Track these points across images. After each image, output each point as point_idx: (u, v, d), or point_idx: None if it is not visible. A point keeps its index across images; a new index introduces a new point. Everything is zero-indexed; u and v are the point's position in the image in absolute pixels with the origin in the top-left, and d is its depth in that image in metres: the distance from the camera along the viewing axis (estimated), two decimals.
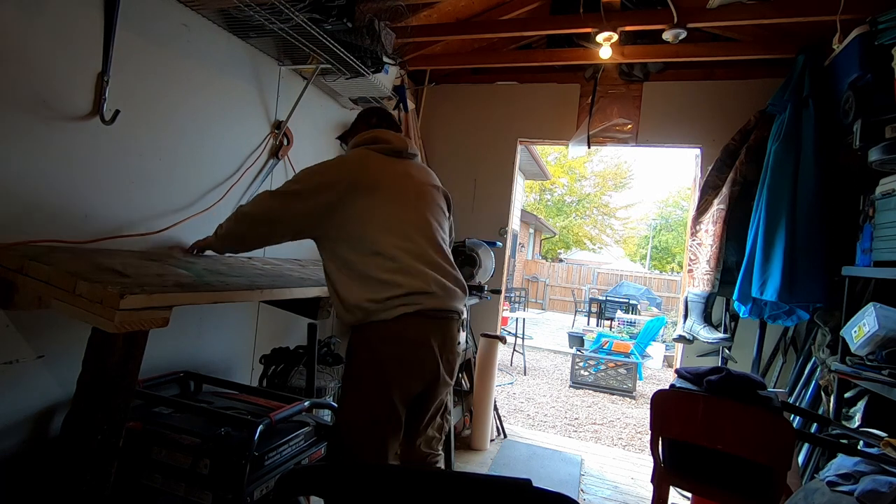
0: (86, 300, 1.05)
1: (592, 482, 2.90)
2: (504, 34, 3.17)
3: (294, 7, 1.75)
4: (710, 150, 3.07)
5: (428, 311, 1.46)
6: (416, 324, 1.44)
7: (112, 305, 1.02)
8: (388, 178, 1.54)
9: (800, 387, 2.60)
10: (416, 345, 1.46)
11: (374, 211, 1.47)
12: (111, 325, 1.02)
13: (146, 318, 1.10)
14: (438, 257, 1.55)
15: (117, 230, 1.66)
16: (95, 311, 1.04)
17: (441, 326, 1.51)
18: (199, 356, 2.06)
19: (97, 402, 1.11)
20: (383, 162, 1.57)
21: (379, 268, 1.43)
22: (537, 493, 0.71)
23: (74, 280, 1.07)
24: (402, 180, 1.57)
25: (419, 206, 1.57)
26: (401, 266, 1.44)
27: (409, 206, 1.54)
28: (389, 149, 1.61)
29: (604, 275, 16.00)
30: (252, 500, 1.39)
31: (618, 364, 5.68)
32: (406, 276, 1.44)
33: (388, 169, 1.56)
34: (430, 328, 1.48)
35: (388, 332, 1.43)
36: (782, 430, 1.59)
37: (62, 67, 1.44)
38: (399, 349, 1.44)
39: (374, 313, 1.42)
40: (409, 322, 1.43)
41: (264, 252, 2.36)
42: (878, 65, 2.00)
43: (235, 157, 2.15)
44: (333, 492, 0.77)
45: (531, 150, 9.85)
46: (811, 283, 2.36)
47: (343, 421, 1.48)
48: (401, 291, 1.42)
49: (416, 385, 1.49)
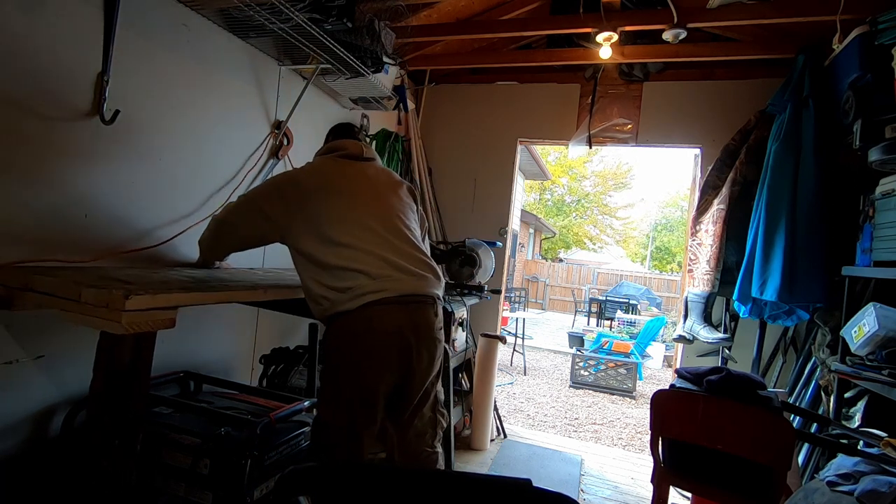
0: (92, 306, 1.07)
1: (592, 482, 2.90)
2: (504, 34, 3.17)
3: (294, 7, 1.75)
4: (710, 150, 3.07)
5: (394, 298, 1.44)
6: (382, 312, 1.43)
7: (118, 307, 1.03)
8: (344, 177, 1.61)
9: (800, 387, 2.60)
10: (385, 334, 1.44)
11: (331, 206, 1.52)
12: (119, 326, 1.03)
13: (153, 319, 1.11)
14: (402, 242, 1.56)
15: (118, 235, 1.66)
16: (102, 314, 1.05)
17: (412, 312, 1.49)
18: (199, 356, 2.06)
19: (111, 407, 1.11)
20: (340, 164, 1.66)
21: (337, 256, 1.44)
22: (537, 493, 0.71)
23: (79, 288, 1.09)
24: (358, 178, 1.64)
25: (378, 198, 1.62)
26: (358, 253, 1.45)
27: (367, 199, 1.59)
28: (345, 153, 1.69)
29: (604, 275, 15.99)
30: (252, 500, 1.39)
31: (618, 364, 5.68)
32: (364, 264, 1.44)
33: (344, 170, 1.64)
34: (399, 315, 1.46)
35: (355, 322, 1.42)
36: (782, 430, 1.59)
37: (62, 67, 1.44)
38: (367, 339, 1.43)
39: (337, 303, 1.42)
40: (375, 311, 1.42)
41: (263, 262, 2.37)
42: (878, 65, 1.99)
43: (236, 157, 2.15)
44: (333, 492, 0.77)
45: (531, 150, 9.85)
46: (811, 283, 2.35)
47: (319, 416, 1.49)
48: (361, 279, 1.42)
49: (388, 376, 1.46)
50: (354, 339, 1.43)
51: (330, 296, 1.43)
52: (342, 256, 1.44)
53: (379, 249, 1.48)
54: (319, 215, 1.50)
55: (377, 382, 1.44)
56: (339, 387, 1.45)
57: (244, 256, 2.24)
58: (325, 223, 1.49)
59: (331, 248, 1.46)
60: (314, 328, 2.09)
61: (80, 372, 1.55)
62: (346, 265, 1.43)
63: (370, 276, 1.43)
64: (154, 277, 1.41)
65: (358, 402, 1.43)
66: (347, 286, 1.41)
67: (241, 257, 2.22)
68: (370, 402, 1.44)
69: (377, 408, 1.46)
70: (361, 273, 1.43)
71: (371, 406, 1.45)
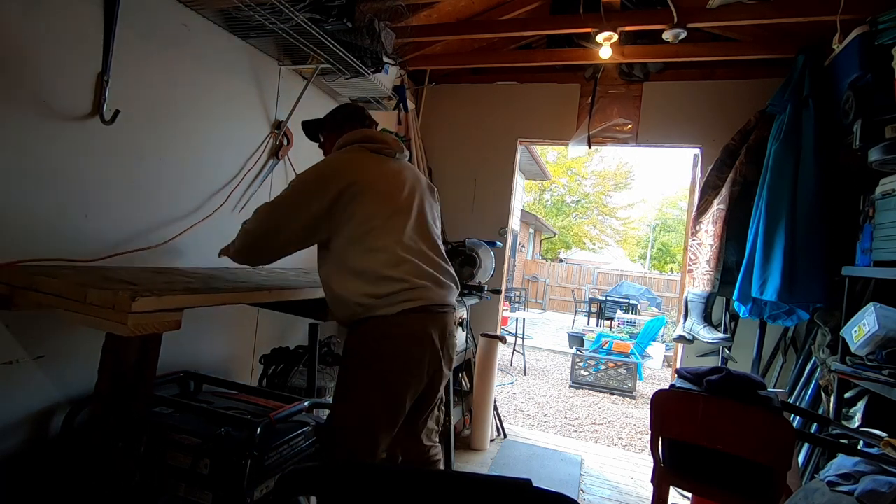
0: (97, 307, 1.06)
1: (592, 482, 2.90)
2: (504, 34, 3.17)
3: (294, 7, 1.75)
4: (710, 150, 3.07)
5: (426, 307, 1.47)
6: (418, 319, 1.45)
7: (124, 309, 1.03)
8: (383, 177, 1.56)
9: (800, 387, 2.60)
10: (420, 341, 1.46)
11: (370, 207, 1.48)
12: (125, 328, 1.03)
13: (159, 321, 1.10)
14: (434, 253, 1.57)
15: (119, 235, 1.66)
16: (108, 316, 1.05)
17: (439, 321, 1.52)
18: (199, 356, 2.06)
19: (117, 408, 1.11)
20: (377, 161, 1.59)
21: (378, 263, 1.43)
22: (537, 493, 0.71)
23: (85, 290, 1.08)
24: (396, 179, 1.59)
25: (413, 203, 1.59)
26: (399, 261, 1.45)
27: (404, 203, 1.56)
28: (383, 149, 1.62)
29: (604, 275, 15.99)
30: (252, 500, 1.39)
31: (618, 364, 5.68)
32: (405, 272, 1.45)
33: (382, 168, 1.58)
34: (431, 323, 1.49)
35: (390, 328, 1.43)
36: (782, 430, 1.59)
37: (62, 67, 1.44)
38: (403, 346, 1.45)
39: (373, 308, 1.42)
40: (411, 318, 1.44)
41: None
42: (878, 65, 1.99)
43: (236, 157, 2.15)
44: (333, 492, 0.76)
45: (531, 150, 9.85)
46: (811, 283, 2.35)
47: (338, 419, 1.48)
48: (401, 287, 1.43)
49: (417, 382, 1.49)
50: (390, 345, 1.44)
51: (365, 301, 1.42)
52: (384, 264, 1.44)
53: (418, 259, 1.49)
54: (361, 219, 1.46)
55: (407, 387, 1.47)
56: (368, 390, 1.45)
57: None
58: (367, 229, 1.46)
59: (372, 254, 1.44)
60: (314, 328, 2.09)
61: (80, 372, 1.55)
62: (388, 274, 1.43)
63: (406, 284, 1.44)
64: (158, 278, 1.41)
65: (386, 405, 1.44)
66: (386, 292, 1.42)
67: None
68: (397, 406, 1.46)
69: (402, 411, 1.48)
70: (403, 282, 1.43)
71: (397, 410, 1.46)
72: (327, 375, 2.27)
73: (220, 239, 2.08)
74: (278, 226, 1.51)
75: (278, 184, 2.42)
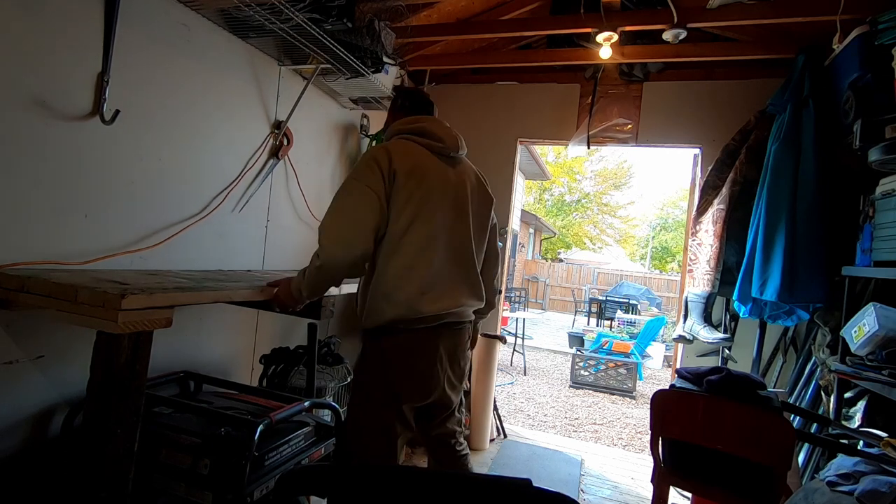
0: (88, 306, 1.07)
1: (592, 482, 2.90)
2: (504, 34, 3.16)
3: (294, 7, 1.75)
4: (710, 150, 3.07)
5: (447, 324, 1.49)
6: (431, 336, 1.48)
7: (114, 307, 1.04)
8: (436, 184, 1.48)
9: (800, 387, 2.60)
10: (429, 359, 1.49)
11: (416, 224, 1.43)
12: (115, 325, 1.04)
13: (149, 319, 1.11)
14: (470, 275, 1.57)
15: (118, 234, 1.66)
16: (98, 314, 1.06)
17: (454, 336, 1.55)
18: (199, 356, 2.06)
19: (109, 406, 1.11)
20: (435, 164, 1.51)
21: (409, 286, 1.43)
22: (537, 493, 0.71)
23: (75, 290, 1.09)
24: (449, 188, 1.52)
25: (462, 218, 1.55)
26: (432, 287, 1.45)
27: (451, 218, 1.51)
28: (440, 147, 1.54)
29: (604, 275, 15.99)
30: (252, 500, 1.39)
31: (618, 364, 5.68)
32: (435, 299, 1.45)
33: (437, 173, 1.50)
34: (446, 339, 1.51)
35: (404, 342, 1.46)
36: (782, 430, 1.59)
37: (62, 67, 1.44)
38: (412, 361, 1.47)
39: (394, 321, 1.44)
40: (428, 334, 1.47)
41: (263, 264, 2.37)
42: (878, 65, 1.99)
43: (236, 157, 2.15)
44: (333, 492, 0.76)
45: (531, 150, 9.84)
46: (811, 283, 2.35)
47: (352, 424, 1.51)
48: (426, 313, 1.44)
49: (422, 397, 1.52)
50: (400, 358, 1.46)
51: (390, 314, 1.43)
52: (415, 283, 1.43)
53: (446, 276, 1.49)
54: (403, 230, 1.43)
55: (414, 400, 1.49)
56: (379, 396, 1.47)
57: (244, 257, 2.25)
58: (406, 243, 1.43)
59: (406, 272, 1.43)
60: (313, 328, 2.09)
61: (80, 372, 1.55)
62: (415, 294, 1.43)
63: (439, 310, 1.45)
64: (150, 278, 1.42)
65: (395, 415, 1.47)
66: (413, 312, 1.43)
67: (240, 258, 2.22)
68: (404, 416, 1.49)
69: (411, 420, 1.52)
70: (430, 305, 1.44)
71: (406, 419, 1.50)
72: (327, 375, 2.27)
73: (220, 239, 2.09)
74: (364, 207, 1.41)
75: (278, 184, 2.42)
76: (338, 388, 2.28)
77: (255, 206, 2.26)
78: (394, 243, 1.44)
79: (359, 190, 1.41)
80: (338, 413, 1.81)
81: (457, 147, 1.58)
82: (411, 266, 1.43)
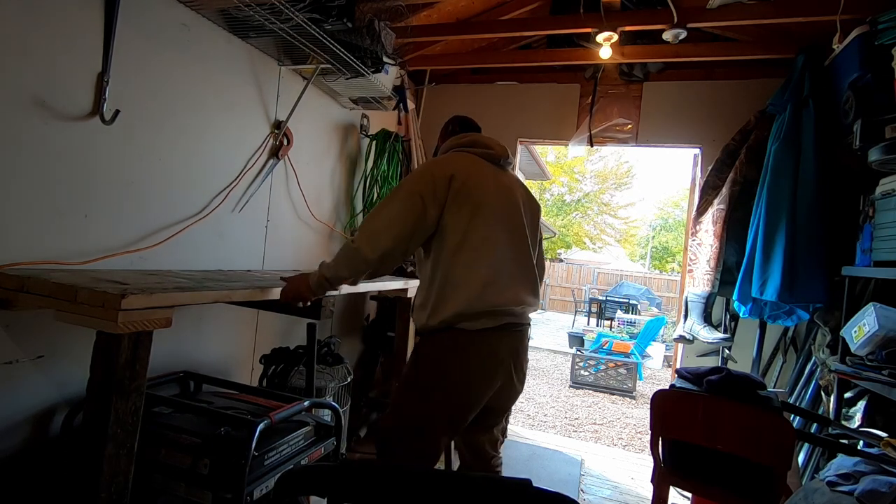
0: (88, 306, 1.07)
1: (592, 482, 2.90)
2: (504, 34, 3.17)
3: (294, 7, 1.75)
4: (710, 150, 3.07)
5: (508, 324, 1.50)
6: (497, 338, 1.48)
7: (114, 307, 1.04)
8: (491, 188, 1.54)
9: (800, 387, 2.60)
10: (495, 359, 1.49)
11: (477, 222, 1.47)
12: (115, 325, 1.04)
13: (149, 319, 1.11)
14: (526, 271, 1.59)
15: (118, 234, 1.66)
16: (98, 314, 1.06)
17: (516, 338, 1.55)
18: (199, 356, 2.06)
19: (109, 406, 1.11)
20: (486, 170, 1.57)
21: (473, 279, 1.44)
22: (537, 493, 0.71)
23: (75, 290, 1.09)
24: (502, 192, 1.58)
25: (516, 219, 1.59)
26: (495, 281, 1.46)
27: (507, 219, 1.56)
28: (491, 154, 1.61)
29: (604, 275, 16.00)
30: (252, 499, 1.39)
31: (618, 364, 5.68)
32: (498, 292, 1.46)
33: (491, 178, 1.56)
34: (509, 341, 1.52)
35: (469, 343, 1.45)
36: (782, 430, 1.59)
37: (62, 67, 1.44)
38: (478, 363, 1.47)
39: (457, 322, 1.44)
40: (490, 336, 1.46)
41: (263, 264, 2.37)
42: (878, 65, 1.99)
43: (235, 157, 2.15)
44: (333, 491, 0.76)
45: (531, 150, 9.81)
46: (811, 283, 2.35)
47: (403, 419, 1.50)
48: (490, 306, 1.44)
49: (483, 398, 1.51)
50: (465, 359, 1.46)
51: (452, 314, 1.44)
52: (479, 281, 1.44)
53: (511, 280, 1.51)
54: (466, 230, 1.46)
55: (475, 402, 1.49)
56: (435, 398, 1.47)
57: (244, 257, 2.25)
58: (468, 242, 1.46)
59: (468, 270, 1.45)
60: (312, 328, 2.09)
61: (80, 372, 1.55)
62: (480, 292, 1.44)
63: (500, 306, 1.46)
64: (150, 278, 1.42)
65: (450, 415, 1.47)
66: (475, 309, 1.43)
67: (240, 258, 2.22)
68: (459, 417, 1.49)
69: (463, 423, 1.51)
70: (493, 303, 1.45)
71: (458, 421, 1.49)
72: (327, 375, 2.27)
73: (220, 239, 2.09)
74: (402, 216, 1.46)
75: (278, 184, 2.42)
76: (338, 388, 2.28)
77: (254, 206, 2.26)
78: (457, 242, 1.46)
79: (403, 194, 1.48)
80: (338, 413, 1.81)
81: (506, 155, 1.65)
82: (474, 262, 1.46)
